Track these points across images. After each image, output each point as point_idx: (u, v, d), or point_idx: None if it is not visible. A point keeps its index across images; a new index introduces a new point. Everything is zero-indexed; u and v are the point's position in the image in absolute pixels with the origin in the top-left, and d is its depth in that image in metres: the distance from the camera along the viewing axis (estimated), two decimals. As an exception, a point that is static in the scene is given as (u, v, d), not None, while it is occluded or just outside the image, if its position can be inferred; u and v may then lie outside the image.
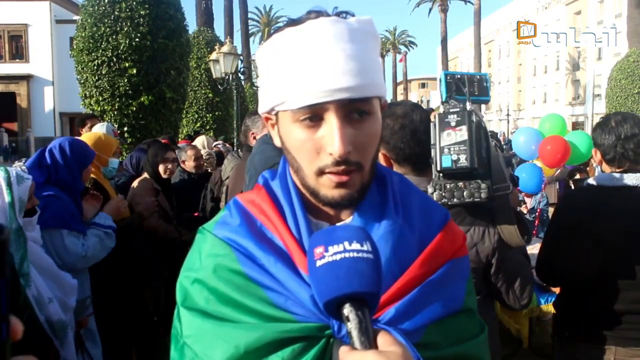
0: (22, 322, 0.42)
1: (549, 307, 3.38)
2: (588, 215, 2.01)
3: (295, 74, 0.73)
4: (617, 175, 2.01)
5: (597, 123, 2.16)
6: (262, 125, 2.68)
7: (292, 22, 0.77)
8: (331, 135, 0.72)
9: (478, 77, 1.60)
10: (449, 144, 1.37)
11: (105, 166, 3.14)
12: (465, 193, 1.40)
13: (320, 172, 0.75)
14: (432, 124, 1.44)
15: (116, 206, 2.92)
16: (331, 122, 0.73)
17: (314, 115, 0.73)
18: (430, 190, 1.43)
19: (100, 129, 4.20)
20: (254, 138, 2.74)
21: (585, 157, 4.53)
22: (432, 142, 1.43)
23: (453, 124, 1.37)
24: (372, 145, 0.77)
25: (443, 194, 1.41)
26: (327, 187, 0.76)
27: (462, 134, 1.36)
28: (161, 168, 3.70)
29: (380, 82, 0.76)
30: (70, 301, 2.20)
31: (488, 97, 1.62)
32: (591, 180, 2.14)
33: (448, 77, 1.58)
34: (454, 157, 1.36)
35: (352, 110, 0.74)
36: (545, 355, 3.93)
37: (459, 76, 1.59)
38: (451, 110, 1.38)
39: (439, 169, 1.39)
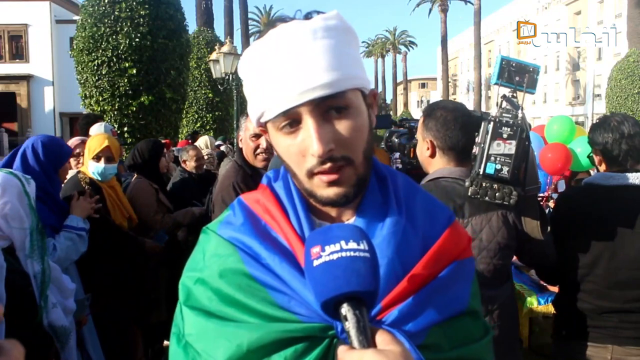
0: (28, 324, 0.43)
1: (549, 307, 3.38)
2: (584, 214, 2.02)
3: (266, 84, 0.74)
4: (615, 174, 2.02)
5: (595, 123, 2.16)
6: (245, 128, 2.65)
7: (259, 36, 0.77)
8: (309, 137, 0.73)
9: (531, 68, 1.66)
10: (497, 154, 1.50)
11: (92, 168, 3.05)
12: (497, 194, 1.54)
13: (310, 174, 0.76)
14: (483, 124, 1.56)
15: (83, 206, 2.71)
16: (308, 123, 0.73)
17: (292, 120, 0.74)
18: (467, 183, 1.57)
19: (98, 128, 4.18)
20: (240, 140, 2.74)
21: (587, 167, 4.47)
22: (479, 140, 1.56)
23: (505, 136, 1.50)
24: (357, 138, 0.76)
25: (478, 190, 1.54)
26: (321, 188, 0.76)
27: (511, 148, 1.50)
28: (162, 163, 3.68)
29: (355, 73, 0.75)
30: (69, 304, 2.21)
31: (534, 90, 1.69)
32: (588, 179, 2.15)
33: (504, 62, 1.65)
34: (498, 166, 1.50)
35: (328, 107, 0.73)
36: (545, 355, 3.92)
37: (513, 64, 1.65)
38: (506, 121, 1.51)
39: (481, 172, 1.52)
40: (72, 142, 3.55)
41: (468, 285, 0.82)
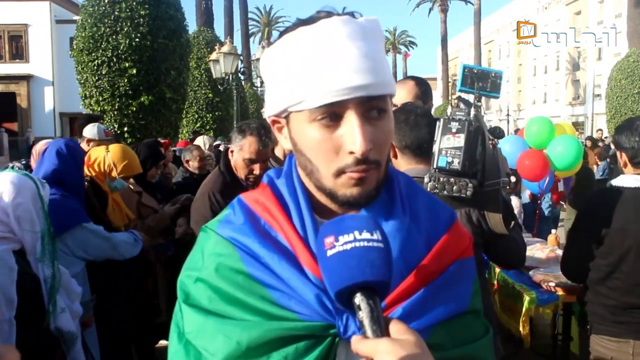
0: (36, 328, 0.43)
1: (549, 308, 3.38)
2: (610, 215, 2.10)
3: (312, 73, 0.72)
4: None
5: (621, 126, 2.24)
6: (240, 147, 2.50)
7: (303, 22, 0.76)
8: (352, 134, 0.72)
9: (493, 74, 1.77)
10: (447, 147, 1.60)
11: (112, 180, 3.11)
12: (454, 188, 1.62)
13: (340, 173, 0.75)
14: (437, 124, 1.65)
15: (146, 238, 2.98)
16: (351, 120, 0.72)
17: (332, 114, 0.73)
18: (426, 179, 1.65)
19: (91, 129, 4.18)
20: (230, 152, 2.58)
21: (570, 167, 4.52)
22: (435, 137, 1.65)
23: (454, 130, 1.60)
24: (388, 143, 0.77)
25: (436, 185, 1.63)
26: (346, 187, 0.75)
27: (460, 141, 1.59)
28: (151, 173, 3.62)
29: (391, 80, 0.77)
30: (76, 307, 2.21)
31: (498, 94, 1.78)
32: (614, 181, 2.23)
33: (466, 70, 1.76)
34: (449, 159, 1.60)
35: (370, 108, 0.73)
36: (545, 355, 3.92)
37: (476, 70, 1.75)
38: (455, 118, 1.62)
39: (434, 166, 1.62)
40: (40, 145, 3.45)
41: (470, 284, 0.83)
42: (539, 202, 5.27)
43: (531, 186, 4.57)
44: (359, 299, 0.61)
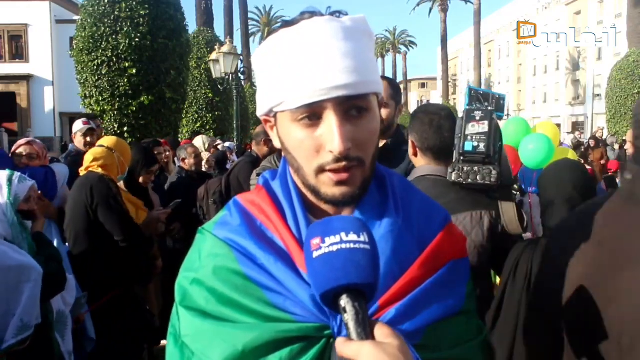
0: None
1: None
2: None
3: (292, 74, 0.73)
4: None
5: None
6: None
7: (286, 24, 0.77)
8: (330, 133, 0.73)
9: (497, 95, 1.89)
10: (472, 133, 1.69)
11: (123, 174, 3.10)
12: (478, 176, 1.68)
13: (321, 170, 0.76)
14: (458, 119, 1.73)
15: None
16: (330, 120, 0.73)
17: (312, 114, 0.74)
18: (449, 170, 1.71)
19: (77, 124, 4.36)
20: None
21: (540, 165, 4.59)
22: (457, 133, 1.72)
23: (478, 118, 1.70)
24: (371, 141, 0.78)
25: (460, 174, 1.68)
26: (328, 185, 0.76)
27: (484, 126, 1.68)
28: (142, 179, 3.55)
29: (376, 79, 0.77)
30: (68, 297, 2.26)
31: (502, 113, 1.89)
32: None
33: (472, 92, 1.86)
34: (475, 144, 1.68)
35: (350, 107, 0.74)
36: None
37: (481, 92, 1.86)
38: (478, 108, 1.71)
39: (461, 152, 1.68)
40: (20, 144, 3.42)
41: (463, 285, 0.83)
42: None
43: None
44: (344, 301, 0.61)
